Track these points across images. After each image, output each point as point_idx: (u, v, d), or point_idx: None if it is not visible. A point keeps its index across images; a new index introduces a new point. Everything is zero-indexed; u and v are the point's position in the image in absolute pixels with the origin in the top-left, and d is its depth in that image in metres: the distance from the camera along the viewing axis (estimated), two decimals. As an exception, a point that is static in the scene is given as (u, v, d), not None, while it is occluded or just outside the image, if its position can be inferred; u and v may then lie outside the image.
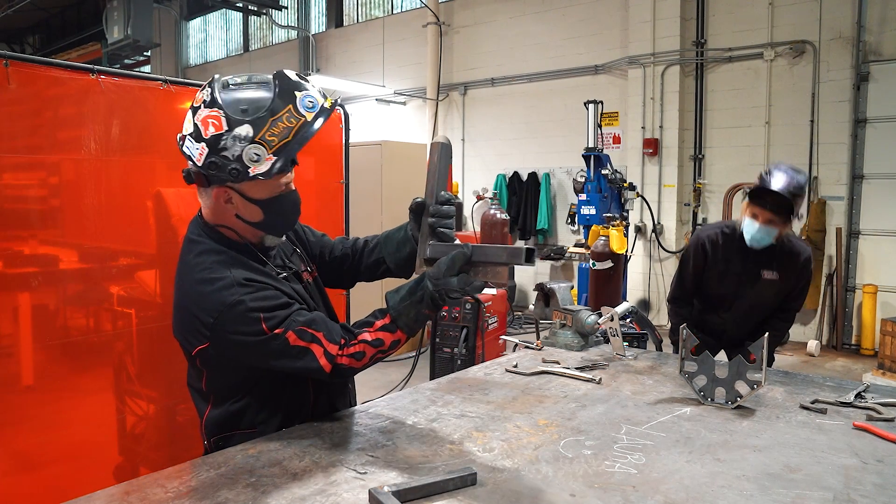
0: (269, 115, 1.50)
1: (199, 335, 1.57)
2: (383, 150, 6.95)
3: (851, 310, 7.67)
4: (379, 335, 1.58)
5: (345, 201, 3.37)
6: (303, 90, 1.55)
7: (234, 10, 13.21)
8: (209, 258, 1.60)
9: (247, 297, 1.53)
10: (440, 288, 1.55)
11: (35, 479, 2.30)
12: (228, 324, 1.53)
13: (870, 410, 1.84)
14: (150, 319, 2.58)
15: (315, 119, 1.55)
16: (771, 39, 7.97)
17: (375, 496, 1.25)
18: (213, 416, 1.68)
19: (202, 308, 1.55)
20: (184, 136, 1.56)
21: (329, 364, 1.54)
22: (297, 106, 1.53)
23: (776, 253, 2.92)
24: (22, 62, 2.23)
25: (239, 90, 1.54)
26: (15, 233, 2.31)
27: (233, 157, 1.50)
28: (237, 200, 1.60)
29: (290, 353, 1.54)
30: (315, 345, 1.54)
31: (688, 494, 1.34)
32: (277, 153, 1.52)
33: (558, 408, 1.89)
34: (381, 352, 1.59)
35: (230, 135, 1.50)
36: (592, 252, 5.73)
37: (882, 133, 7.38)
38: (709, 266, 3.07)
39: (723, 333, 3.14)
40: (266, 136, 1.50)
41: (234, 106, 1.51)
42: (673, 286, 3.31)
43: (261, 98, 1.52)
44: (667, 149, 8.65)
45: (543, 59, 9.94)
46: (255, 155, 1.50)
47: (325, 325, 1.59)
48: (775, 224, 2.78)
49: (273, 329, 1.52)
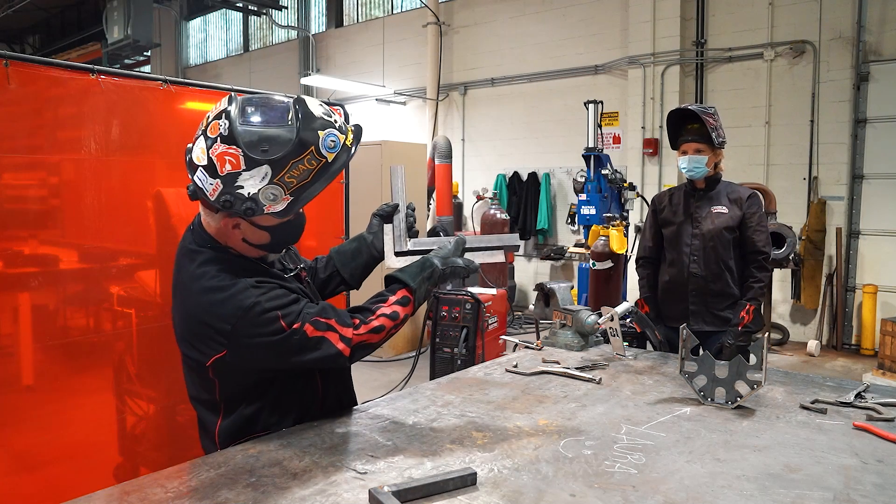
0: (290, 157, 1.47)
1: (215, 343, 1.54)
2: (383, 150, 6.95)
3: (851, 310, 7.66)
4: (395, 308, 1.64)
5: (345, 201, 3.38)
6: (326, 129, 1.51)
7: (234, 10, 13.21)
8: (214, 267, 1.58)
9: (262, 297, 1.52)
10: (448, 265, 1.71)
11: (35, 479, 2.30)
12: (248, 328, 1.51)
13: (870, 410, 1.84)
14: (150, 319, 2.58)
15: (336, 160, 1.55)
16: (771, 39, 7.97)
17: (375, 496, 1.25)
18: (226, 426, 1.66)
19: (217, 316, 1.52)
20: (196, 166, 1.51)
21: (347, 347, 1.57)
22: (318, 147, 1.50)
23: (722, 196, 3.20)
24: (22, 62, 2.23)
25: (259, 125, 1.47)
26: (15, 233, 2.31)
27: (248, 195, 1.47)
28: (245, 227, 1.59)
29: (309, 344, 1.55)
30: (330, 332, 1.57)
31: (688, 494, 1.34)
32: (295, 193, 1.51)
33: (558, 408, 1.89)
34: (395, 326, 1.65)
35: (247, 174, 1.46)
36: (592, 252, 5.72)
37: (882, 133, 7.37)
38: (664, 217, 3.34)
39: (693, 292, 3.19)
40: (285, 177, 1.48)
41: (255, 146, 1.45)
42: (637, 250, 3.56)
43: (282, 138, 1.46)
44: (667, 149, 8.63)
45: (543, 59, 9.94)
46: (272, 195, 1.49)
47: (335, 311, 1.61)
48: (704, 152, 3.10)
49: (291, 325, 1.53)
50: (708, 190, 3.21)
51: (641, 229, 3.61)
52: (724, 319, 3.15)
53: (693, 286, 3.18)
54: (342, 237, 3.35)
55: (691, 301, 3.19)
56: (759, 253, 3.14)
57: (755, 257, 3.15)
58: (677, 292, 3.24)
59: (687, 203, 3.26)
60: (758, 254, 3.14)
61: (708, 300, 3.16)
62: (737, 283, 3.18)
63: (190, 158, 1.54)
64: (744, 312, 3.09)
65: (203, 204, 1.60)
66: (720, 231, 3.14)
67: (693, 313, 3.19)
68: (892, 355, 5.99)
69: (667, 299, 3.31)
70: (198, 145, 1.51)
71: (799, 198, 7.83)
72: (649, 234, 3.42)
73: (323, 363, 1.60)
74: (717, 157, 3.15)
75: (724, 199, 3.19)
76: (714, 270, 3.15)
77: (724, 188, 3.22)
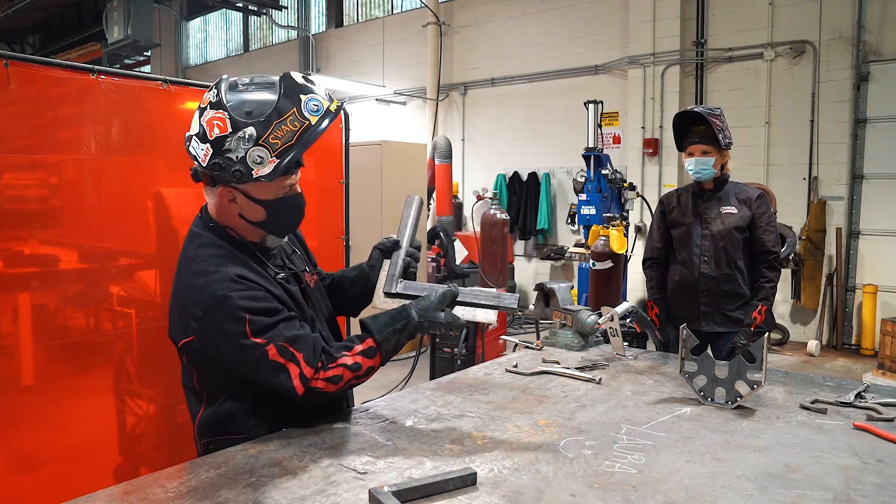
0: (273, 118, 1.51)
1: (187, 327, 1.57)
2: (383, 150, 6.94)
3: (851, 310, 7.67)
4: (358, 359, 1.59)
5: (345, 201, 3.37)
6: (308, 93, 1.56)
7: (234, 10, 13.21)
8: (207, 251, 1.61)
9: (235, 293, 1.53)
10: (426, 319, 1.63)
11: (35, 479, 2.30)
12: (215, 317, 1.53)
13: (870, 410, 1.84)
14: (150, 319, 2.58)
15: (319, 122, 1.56)
16: (771, 39, 7.97)
17: (375, 496, 1.25)
18: (205, 417, 1.68)
19: (193, 300, 1.56)
20: (190, 137, 1.58)
21: (302, 387, 1.54)
22: (301, 109, 1.54)
23: (731, 197, 3.20)
24: (22, 62, 2.23)
25: (245, 92, 1.54)
26: (15, 233, 2.31)
27: (236, 158, 1.52)
28: (241, 200, 1.62)
29: (267, 366, 1.53)
30: (292, 364, 1.54)
31: (688, 494, 1.34)
32: (280, 156, 1.53)
33: (558, 408, 1.89)
34: (357, 377, 1.60)
35: (234, 136, 1.51)
36: (592, 252, 5.72)
37: (882, 133, 7.38)
38: (673, 217, 3.33)
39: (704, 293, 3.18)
40: (269, 138, 1.51)
41: (239, 108, 1.52)
42: (644, 251, 3.51)
43: (266, 100, 1.53)
44: (667, 149, 8.65)
45: (543, 59, 9.94)
46: (259, 157, 1.52)
47: (309, 344, 1.57)
48: (710, 153, 3.11)
49: (256, 336, 1.52)
50: (716, 191, 3.21)
51: (648, 230, 3.60)
52: (734, 320, 3.15)
53: (704, 287, 3.17)
54: (342, 237, 3.35)
55: (702, 302, 3.18)
56: (769, 253, 3.14)
57: (765, 257, 3.14)
58: (688, 293, 3.23)
59: (695, 204, 3.26)
60: (768, 253, 3.14)
61: (719, 300, 3.16)
62: (747, 284, 3.17)
63: (187, 135, 1.60)
64: (756, 313, 3.09)
65: (204, 183, 1.64)
66: (730, 231, 3.14)
67: (704, 314, 3.18)
68: (892, 355, 5.99)
69: (677, 300, 3.30)
70: (194, 118, 1.58)
71: (799, 198, 7.83)
72: (657, 235, 3.41)
73: (276, 390, 1.57)
74: (723, 157, 3.17)
75: (732, 200, 3.19)
76: (725, 271, 3.14)
77: (731, 188, 3.22)
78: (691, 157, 3.14)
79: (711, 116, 3.05)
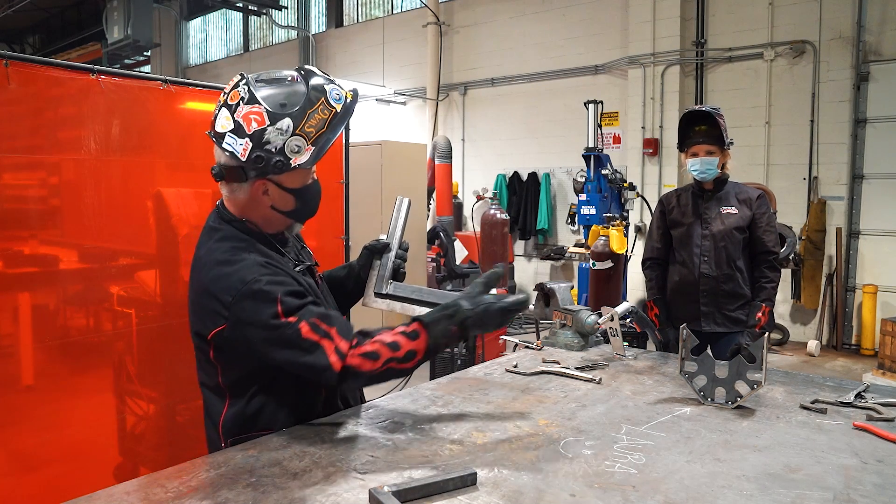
0: (307, 108, 1.59)
1: (217, 316, 1.57)
2: (383, 150, 6.94)
3: (851, 310, 7.67)
4: (398, 338, 1.54)
5: (345, 201, 3.37)
6: (330, 83, 1.64)
7: (234, 10, 13.22)
8: (228, 244, 1.65)
9: (264, 277, 1.55)
10: (476, 303, 1.55)
11: (35, 479, 2.30)
12: (246, 301, 1.53)
13: (870, 410, 1.84)
14: (150, 319, 2.58)
15: (344, 110, 1.64)
16: (771, 39, 7.98)
17: (375, 496, 1.25)
18: (231, 415, 1.66)
19: (221, 288, 1.57)
20: (223, 134, 1.60)
21: (339, 361, 1.50)
22: (328, 98, 1.61)
23: (731, 197, 3.20)
24: (22, 62, 2.23)
25: (273, 86, 1.61)
26: (15, 233, 2.31)
27: (276, 149, 1.58)
28: (273, 191, 1.66)
29: (301, 345, 1.51)
30: (327, 340, 1.52)
31: (688, 494, 1.34)
32: (315, 143, 1.61)
33: (558, 408, 1.89)
34: (397, 359, 1.52)
35: (273, 128, 1.57)
36: (592, 252, 5.72)
37: (882, 133, 7.38)
38: (673, 217, 3.32)
39: (704, 293, 3.18)
40: (305, 127, 1.59)
41: (273, 101, 1.58)
42: (643, 251, 3.50)
43: (297, 92, 1.60)
44: (667, 149, 8.65)
45: (543, 59, 9.94)
46: (297, 146, 1.59)
47: (340, 321, 1.58)
48: (714, 154, 3.11)
49: (287, 315, 1.52)
50: (716, 191, 3.21)
51: (648, 230, 3.58)
52: (735, 320, 3.14)
53: (704, 287, 3.17)
54: (342, 237, 3.35)
55: (702, 302, 3.18)
56: (770, 253, 3.14)
57: (765, 257, 3.14)
58: (688, 293, 3.23)
59: (695, 204, 3.25)
60: (768, 254, 3.14)
61: (719, 301, 3.15)
62: (747, 284, 3.17)
63: (214, 131, 1.62)
64: (760, 314, 3.08)
65: (229, 180, 1.65)
66: (731, 231, 3.14)
67: (704, 314, 3.17)
68: (892, 355, 5.99)
69: (677, 301, 3.29)
70: (221, 115, 1.61)
71: (799, 198, 7.83)
72: (657, 235, 3.40)
73: (310, 371, 1.53)
74: (725, 157, 3.17)
75: (732, 200, 3.19)
76: (725, 271, 3.14)
77: (731, 188, 3.22)
78: (695, 158, 3.13)
79: (719, 116, 3.06)
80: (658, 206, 3.46)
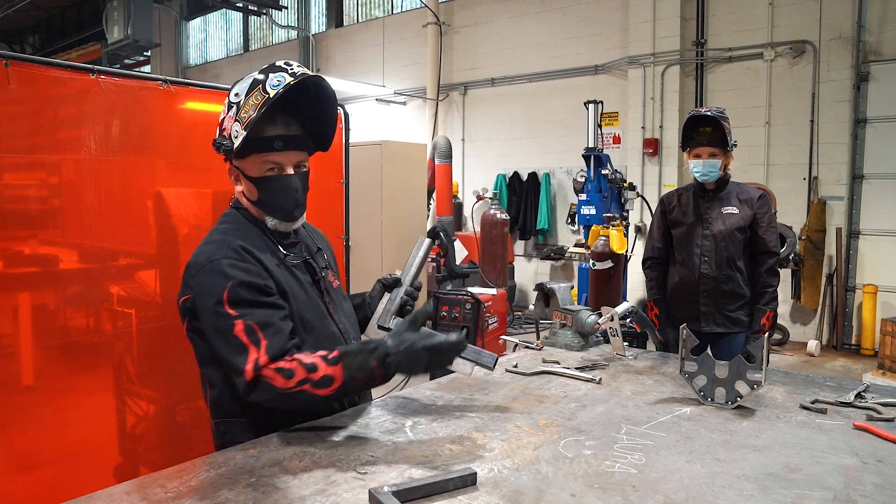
0: (248, 95, 1.65)
1: (186, 286, 1.65)
2: (383, 150, 6.94)
3: (851, 310, 7.67)
4: (317, 360, 1.51)
5: (345, 201, 3.38)
6: (278, 72, 1.66)
7: (234, 10, 13.21)
8: (223, 226, 1.73)
9: (227, 259, 1.60)
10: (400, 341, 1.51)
11: (35, 479, 2.30)
12: (203, 275, 1.59)
13: (870, 410, 1.84)
14: (150, 319, 2.58)
15: (276, 96, 1.62)
16: (771, 39, 7.97)
17: (375, 496, 1.25)
18: (214, 397, 1.71)
19: (194, 260, 1.65)
20: None
21: (252, 372, 1.50)
22: (265, 85, 1.64)
23: (732, 197, 3.20)
24: (22, 62, 2.23)
25: (247, 77, 1.70)
26: (15, 233, 2.31)
27: (227, 135, 1.68)
28: (241, 179, 1.74)
29: (229, 341, 1.54)
30: (253, 347, 1.52)
31: (688, 494, 1.34)
32: (247, 128, 1.63)
33: (558, 408, 1.89)
34: (312, 381, 1.49)
35: (227, 115, 1.69)
36: (592, 252, 5.72)
37: (882, 133, 7.38)
38: (674, 217, 3.33)
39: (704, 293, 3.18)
40: (241, 114, 1.65)
41: (235, 90, 1.70)
42: (644, 251, 3.51)
43: (249, 83, 1.67)
44: (667, 149, 8.65)
45: (543, 59, 9.94)
46: (236, 132, 1.65)
47: (281, 338, 1.55)
48: (718, 156, 3.12)
49: (230, 305, 1.55)
50: (717, 191, 3.21)
51: (648, 230, 3.58)
52: (735, 320, 3.14)
53: (704, 287, 3.17)
54: (342, 237, 3.35)
55: (702, 302, 3.18)
56: (770, 254, 3.14)
57: (766, 258, 3.14)
58: (688, 293, 3.23)
59: (696, 204, 3.25)
60: (769, 254, 3.14)
61: (719, 301, 3.15)
62: (747, 284, 3.17)
63: None
64: (764, 319, 3.09)
65: None
66: (732, 232, 3.14)
67: (704, 315, 3.17)
68: (892, 355, 5.99)
69: (677, 301, 3.29)
70: None
71: (799, 198, 7.83)
72: (657, 235, 3.40)
73: (229, 369, 1.56)
74: (728, 159, 3.18)
75: (734, 200, 3.19)
76: (725, 271, 3.14)
77: (733, 189, 3.22)
78: (698, 159, 3.14)
79: (723, 119, 3.06)
80: (659, 205, 3.46)
